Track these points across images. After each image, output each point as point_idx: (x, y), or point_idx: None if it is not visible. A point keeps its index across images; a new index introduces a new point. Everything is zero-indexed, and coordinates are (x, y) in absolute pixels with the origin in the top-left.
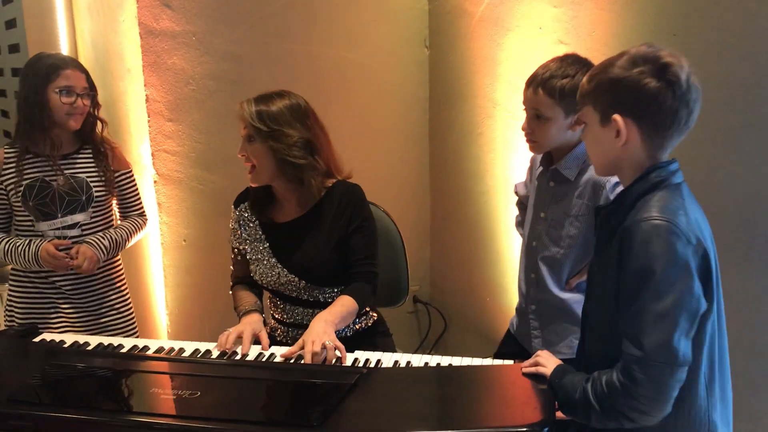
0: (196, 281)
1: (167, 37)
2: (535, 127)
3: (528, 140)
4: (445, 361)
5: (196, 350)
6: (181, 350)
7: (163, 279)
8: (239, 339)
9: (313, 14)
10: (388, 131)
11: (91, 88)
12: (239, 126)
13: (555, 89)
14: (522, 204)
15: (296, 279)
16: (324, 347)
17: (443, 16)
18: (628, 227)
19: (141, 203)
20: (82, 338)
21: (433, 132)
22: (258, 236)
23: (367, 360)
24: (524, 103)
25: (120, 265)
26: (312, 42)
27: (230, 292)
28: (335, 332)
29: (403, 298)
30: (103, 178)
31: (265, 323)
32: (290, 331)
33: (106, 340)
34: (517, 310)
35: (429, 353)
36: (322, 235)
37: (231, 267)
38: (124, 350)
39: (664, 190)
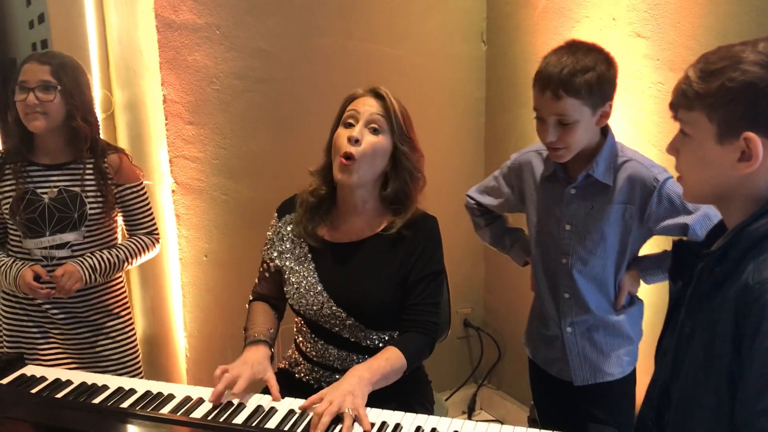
0: (218, 301)
1: (188, 30)
2: (562, 134)
3: (553, 149)
4: (480, 429)
5: (187, 398)
6: (170, 397)
7: (182, 298)
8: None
9: (353, 4)
10: (439, 136)
11: (60, 82)
12: (347, 102)
13: (580, 88)
14: (488, 215)
15: (343, 314)
16: (339, 414)
17: (502, 8)
18: (756, 287)
19: (150, 221)
20: (65, 375)
21: (489, 137)
22: (302, 254)
23: (383, 424)
24: (538, 109)
25: (121, 290)
26: (352, 36)
27: (246, 306)
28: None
29: (444, 332)
30: (100, 194)
31: (272, 358)
32: (315, 370)
33: (90, 378)
34: (538, 336)
35: (481, 384)
36: (388, 269)
37: (256, 280)
38: (99, 397)
39: None
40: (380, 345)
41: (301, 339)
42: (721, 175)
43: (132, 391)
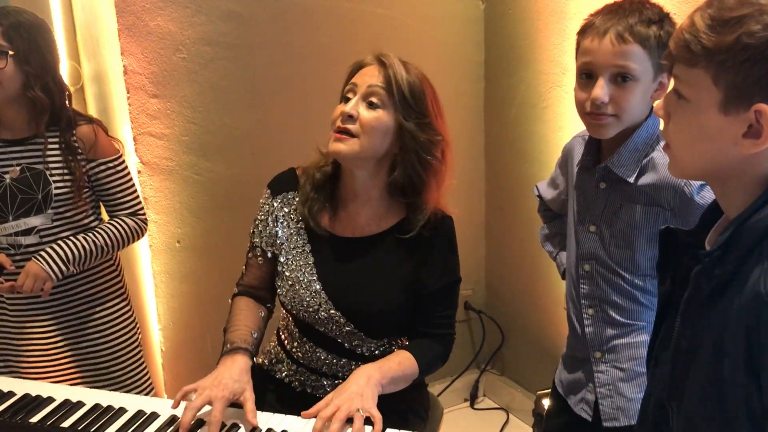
0: (193, 290)
1: None
2: (614, 94)
3: (600, 116)
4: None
5: (139, 412)
6: (121, 410)
7: (154, 288)
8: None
9: None
10: None
11: (12, 45)
12: (350, 74)
13: (650, 36)
14: (549, 212)
15: (342, 320)
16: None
17: None
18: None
19: (132, 199)
20: (7, 385)
21: (489, 104)
22: (300, 245)
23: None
24: (590, 61)
25: (109, 277)
26: None
27: (230, 301)
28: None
29: None
30: (67, 171)
31: (255, 355)
32: (299, 373)
33: (36, 389)
34: (565, 359)
35: (484, 370)
36: (399, 275)
37: (243, 269)
38: (39, 414)
39: None
40: (376, 353)
41: (286, 336)
42: (720, 151)
43: (79, 405)
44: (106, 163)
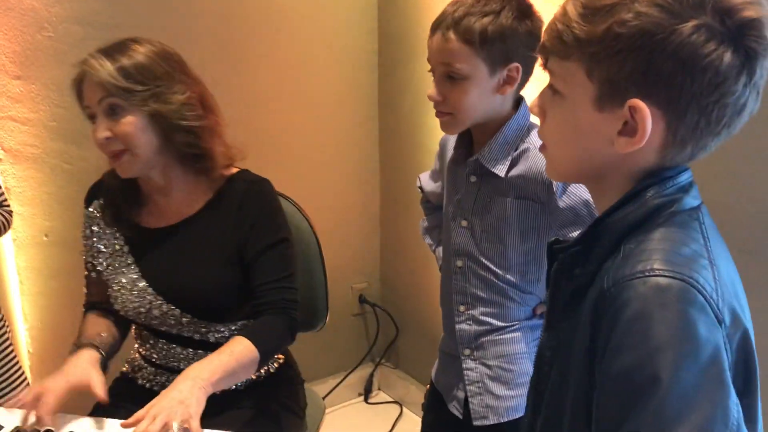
0: (63, 286)
1: None
2: (447, 92)
3: (438, 113)
4: None
5: None
6: None
7: (19, 285)
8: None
9: None
10: (326, 96)
11: None
12: (77, 97)
13: (474, 32)
14: (429, 204)
15: (177, 312)
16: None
17: None
18: (611, 290)
19: None
20: None
21: (383, 95)
22: (118, 248)
23: None
24: (429, 59)
25: None
26: None
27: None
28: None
29: (321, 320)
30: None
31: (106, 365)
32: (159, 375)
33: None
34: (440, 355)
35: (378, 363)
36: (216, 249)
37: (84, 288)
38: None
39: (672, 221)
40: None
41: (139, 342)
42: (595, 151)
43: None
44: None
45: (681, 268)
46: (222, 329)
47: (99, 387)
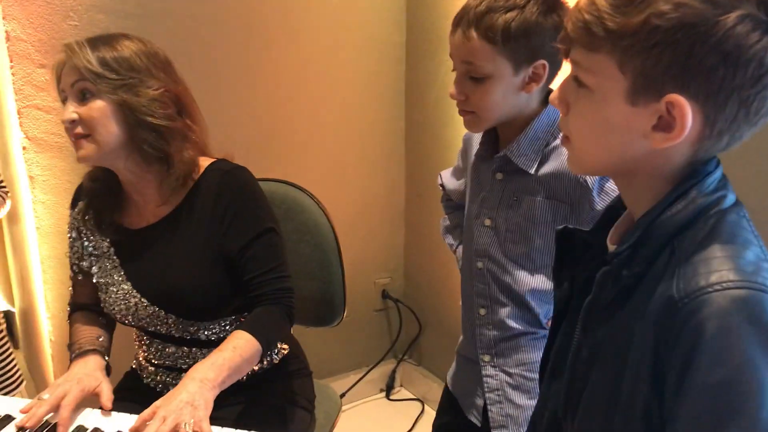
0: None
1: None
2: (469, 91)
3: (461, 111)
4: None
5: None
6: None
7: (42, 274)
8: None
9: None
10: (353, 87)
11: None
12: (56, 81)
13: (496, 29)
14: (450, 202)
15: (161, 312)
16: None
17: None
18: (684, 302)
19: None
20: None
21: (410, 88)
22: (104, 250)
23: None
24: (451, 55)
25: None
26: None
27: (67, 322)
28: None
29: (339, 316)
30: None
31: (108, 369)
32: (161, 373)
33: None
34: (458, 358)
35: (401, 360)
36: (196, 246)
37: (70, 291)
38: None
39: (724, 221)
40: (222, 336)
41: (138, 343)
42: (627, 145)
43: None
44: None
45: (753, 276)
46: (212, 326)
47: (107, 397)
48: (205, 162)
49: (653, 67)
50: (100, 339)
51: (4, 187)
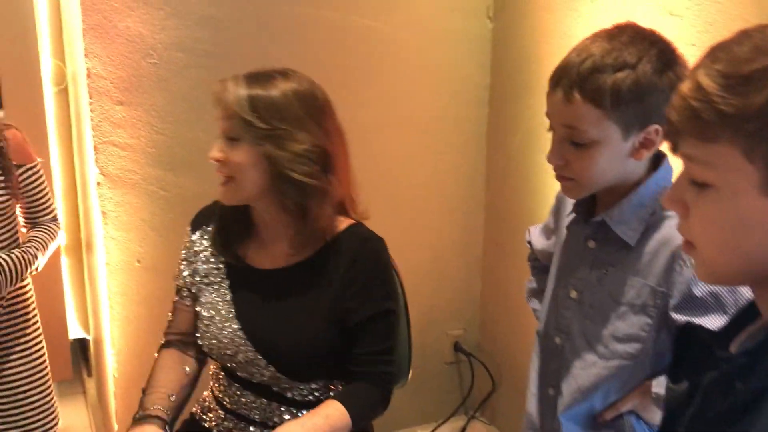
0: (151, 313)
1: None
2: (570, 156)
3: (559, 177)
4: None
5: None
6: None
7: (109, 310)
8: None
9: None
10: (433, 129)
11: None
12: (216, 115)
13: (604, 92)
14: (538, 263)
15: (262, 362)
16: None
17: None
18: None
19: (52, 204)
20: None
21: (492, 131)
22: (218, 281)
23: None
24: (549, 115)
25: (29, 297)
26: (324, 4)
27: (155, 354)
28: None
29: (404, 377)
30: (2, 177)
31: (175, 418)
32: (227, 420)
33: None
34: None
35: (472, 417)
36: (317, 303)
37: (169, 315)
38: None
39: None
40: (309, 398)
41: (214, 381)
42: (765, 245)
43: None
44: (32, 168)
45: None
46: (301, 386)
47: None
48: (343, 222)
49: None
50: (172, 398)
51: (57, 217)
